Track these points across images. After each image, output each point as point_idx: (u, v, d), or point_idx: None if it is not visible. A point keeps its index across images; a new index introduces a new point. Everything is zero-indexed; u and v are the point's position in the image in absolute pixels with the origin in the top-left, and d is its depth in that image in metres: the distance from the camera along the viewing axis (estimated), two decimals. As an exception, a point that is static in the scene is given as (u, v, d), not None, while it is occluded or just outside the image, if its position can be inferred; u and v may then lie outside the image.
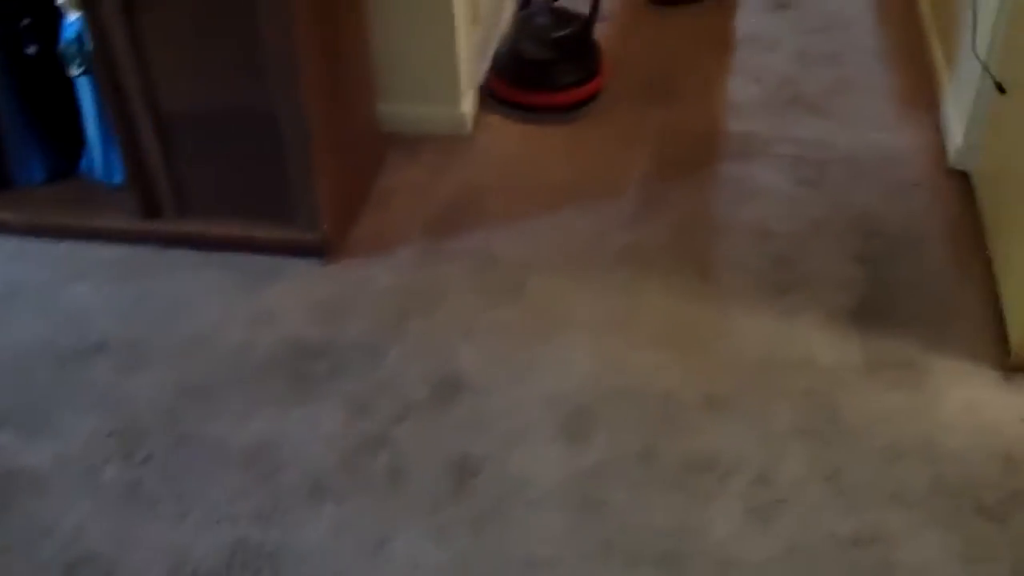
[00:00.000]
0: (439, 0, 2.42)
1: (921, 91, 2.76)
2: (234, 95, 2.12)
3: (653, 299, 2.17)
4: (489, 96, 2.78)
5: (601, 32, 2.87)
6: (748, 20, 3.15)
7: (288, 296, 2.21)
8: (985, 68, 2.24)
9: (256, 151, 2.18)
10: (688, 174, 2.51)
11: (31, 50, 2.26)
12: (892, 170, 2.49)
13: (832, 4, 3.19)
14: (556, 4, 2.84)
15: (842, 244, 2.28)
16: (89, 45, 2.11)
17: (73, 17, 2.16)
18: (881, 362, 2.00)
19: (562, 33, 2.74)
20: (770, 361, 2.02)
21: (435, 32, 2.48)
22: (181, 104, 2.16)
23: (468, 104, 2.64)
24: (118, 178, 2.35)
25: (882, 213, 2.36)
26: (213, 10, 2.01)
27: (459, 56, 2.52)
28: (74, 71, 2.24)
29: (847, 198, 2.41)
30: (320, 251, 2.26)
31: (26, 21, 2.24)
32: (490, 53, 2.86)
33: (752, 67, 2.91)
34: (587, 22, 2.77)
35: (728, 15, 3.19)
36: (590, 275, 2.23)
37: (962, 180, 2.43)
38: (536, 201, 2.45)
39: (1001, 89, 2.18)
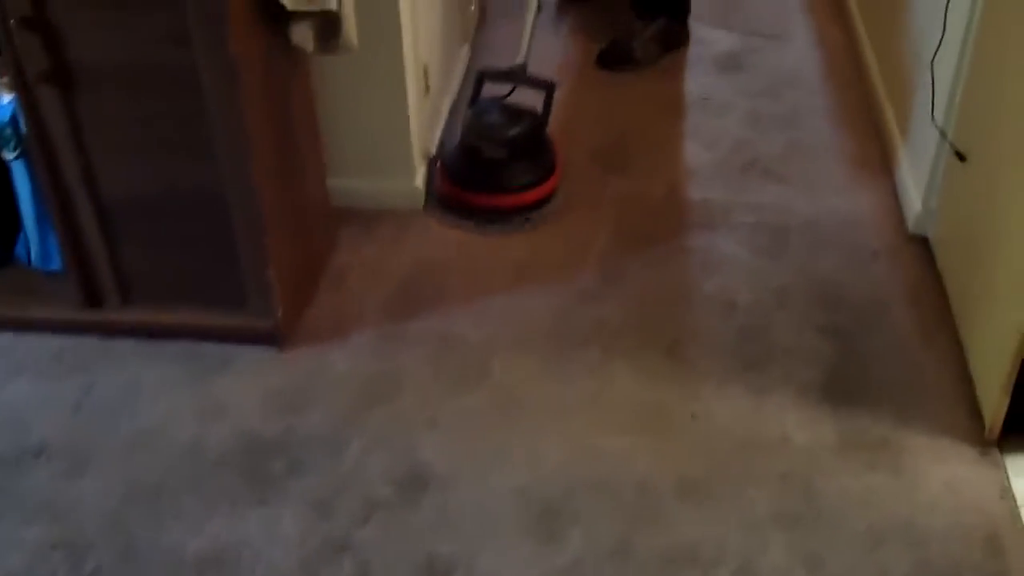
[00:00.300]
0: (390, 72, 2.36)
1: (875, 153, 2.76)
2: (179, 177, 2.03)
3: (620, 380, 2.11)
4: (438, 202, 2.61)
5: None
6: (698, 82, 3.14)
7: (241, 387, 2.11)
8: (944, 136, 2.23)
9: (204, 235, 2.09)
10: (648, 246, 2.47)
11: (-38, 134, 2.16)
12: (852, 236, 2.47)
13: (781, 65, 3.19)
14: (506, 100, 2.70)
15: (807, 315, 2.25)
16: (24, 127, 2.01)
17: (7, 98, 2.06)
18: (856, 441, 1.96)
19: (516, 131, 2.58)
20: (743, 443, 1.97)
21: (387, 105, 2.41)
22: (123, 187, 2.06)
23: (422, 179, 2.57)
24: (56, 265, 2.24)
25: (845, 282, 2.34)
26: (155, 89, 1.92)
27: (412, 129, 2.46)
28: (8, 155, 2.13)
29: (809, 267, 2.38)
30: (274, 338, 2.17)
31: (-44, 104, 2.14)
32: (439, 132, 2.81)
33: (705, 131, 2.89)
34: (541, 118, 2.64)
35: (677, 78, 3.17)
36: (555, 356, 2.17)
37: (922, 246, 2.43)
38: (495, 278, 2.38)
39: (961, 158, 2.18)
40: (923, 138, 2.39)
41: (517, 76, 2.71)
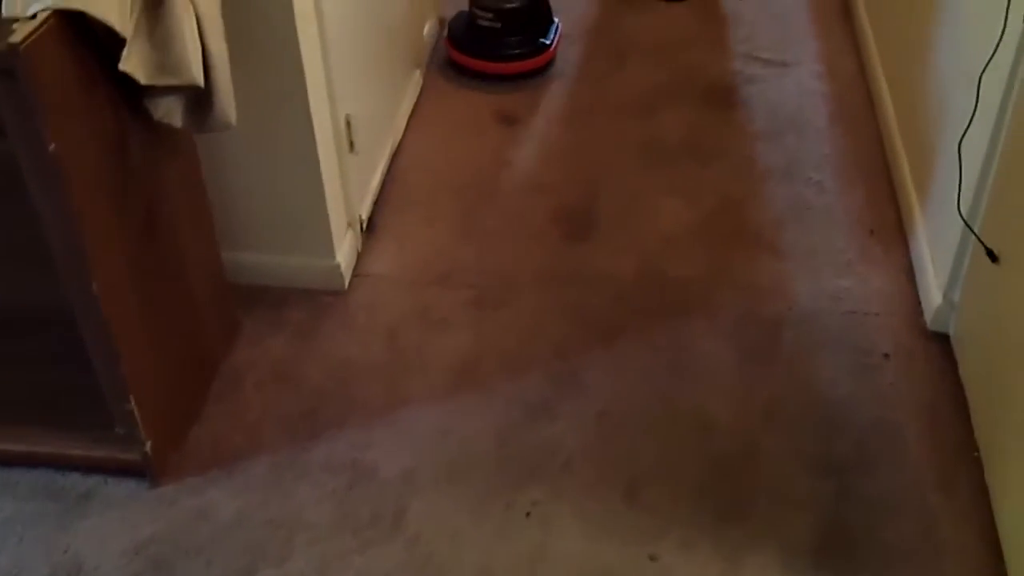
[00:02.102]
0: (296, 132, 1.94)
1: (889, 217, 2.33)
2: (20, 289, 1.65)
3: (565, 535, 1.70)
4: (447, 61, 2.91)
5: (514, 140, 2.43)
6: (682, 121, 2.69)
7: (103, 535, 1.72)
8: (972, 231, 1.81)
9: (58, 354, 1.71)
10: (611, 340, 2.06)
11: None
12: (859, 332, 2.05)
13: (781, 100, 2.74)
14: None
15: (800, 443, 1.84)
16: None
17: None
18: (854, 632, 1.57)
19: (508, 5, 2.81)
20: (713, 630, 1.58)
21: (295, 170, 2.00)
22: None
23: (344, 254, 2.16)
24: None
25: (848, 396, 1.92)
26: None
27: (328, 196, 2.05)
28: None
29: (805, 374, 1.97)
30: (144, 472, 1.78)
31: None
32: (377, 183, 2.40)
33: (688, 185, 2.46)
34: None
35: (655, 114, 2.73)
36: (490, 496, 1.77)
37: (942, 345, 2.01)
38: (424, 384, 1.98)
39: (993, 257, 1.76)
40: (945, 221, 1.97)
41: None
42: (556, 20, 2.94)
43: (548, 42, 2.87)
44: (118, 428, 1.74)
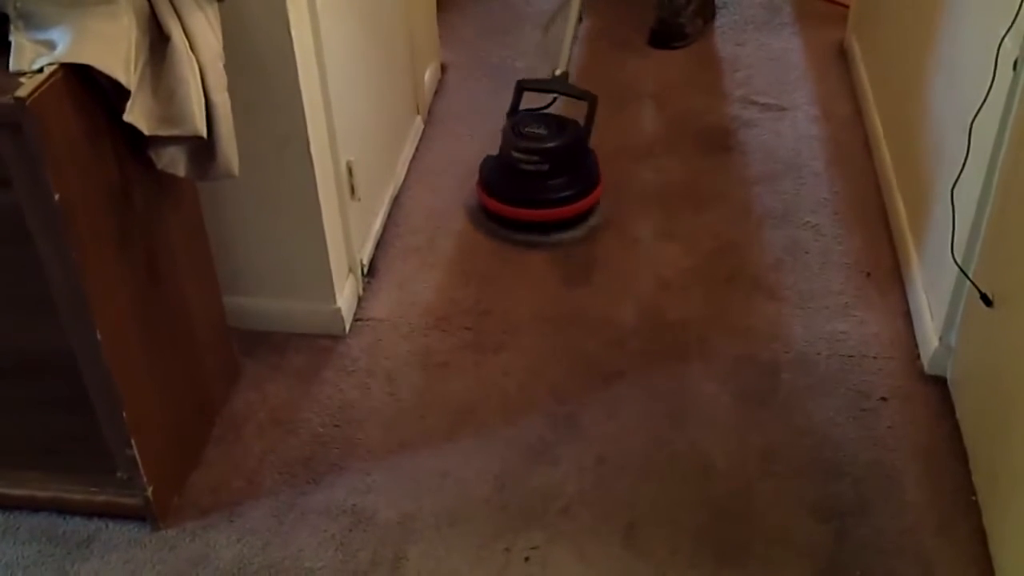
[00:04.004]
0: (298, 178, 1.97)
1: (886, 261, 2.35)
2: (23, 335, 1.65)
3: (564, 578, 1.72)
4: (482, 212, 2.54)
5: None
6: (680, 165, 2.72)
7: (102, 580, 1.74)
8: (966, 276, 1.83)
9: (60, 399, 1.71)
10: (609, 383, 2.07)
11: None
12: (856, 375, 2.06)
13: (778, 144, 2.78)
14: (547, 111, 2.59)
15: (799, 487, 1.85)
16: None
17: None
18: None
19: (557, 143, 2.47)
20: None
21: (297, 215, 2.02)
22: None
23: (345, 298, 2.18)
24: None
25: (846, 439, 1.93)
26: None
27: (329, 241, 2.07)
28: None
29: (803, 419, 1.98)
30: (145, 516, 1.79)
31: None
32: (378, 227, 2.42)
33: (685, 228, 2.48)
34: (584, 129, 2.54)
35: (645, 161, 2.76)
36: (489, 541, 1.77)
37: (939, 389, 2.02)
38: (424, 427, 1.99)
39: (987, 302, 1.77)
40: (941, 265, 1.98)
41: (557, 86, 2.61)
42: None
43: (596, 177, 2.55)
44: (119, 473, 1.75)
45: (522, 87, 2.60)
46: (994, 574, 1.67)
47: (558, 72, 2.63)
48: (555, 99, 2.62)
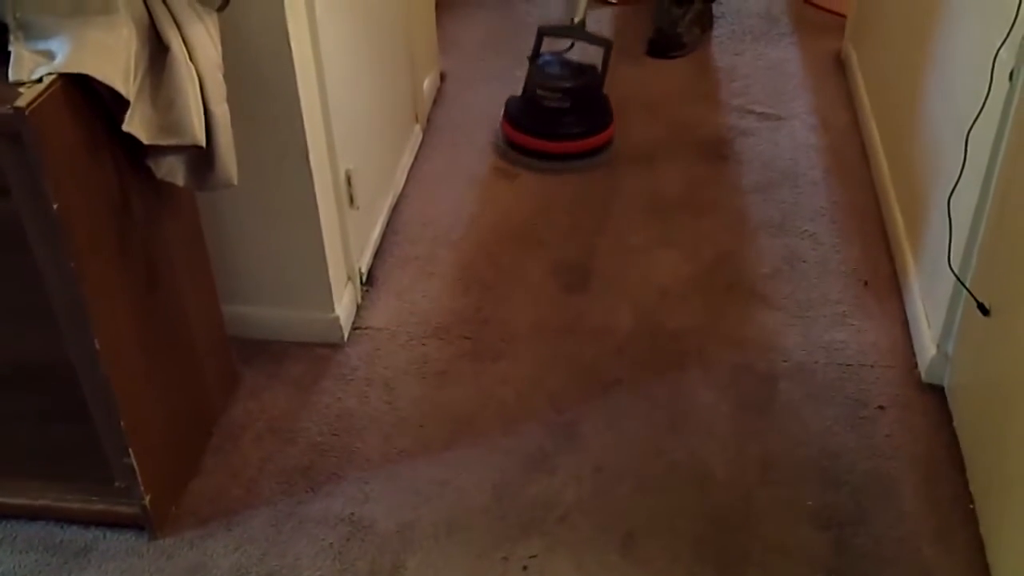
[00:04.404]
0: (297, 187, 1.97)
1: (883, 270, 2.35)
2: (21, 344, 1.66)
3: (562, 588, 1.72)
4: (505, 143, 2.82)
5: (513, 193, 2.45)
6: (678, 174, 2.73)
7: (100, 589, 1.74)
8: (963, 285, 1.83)
9: (57, 409, 1.71)
10: (608, 392, 2.07)
11: None
12: (854, 384, 2.06)
13: (776, 153, 2.78)
14: (566, 55, 2.88)
15: (798, 496, 1.85)
16: None
17: None
18: None
19: (578, 83, 2.77)
20: None
21: (295, 224, 2.03)
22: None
23: (343, 307, 2.18)
24: None
25: (844, 448, 1.93)
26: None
27: (328, 250, 2.07)
28: None
29: (801, 427, 1.98)
30: (143, 525, 1.79)
31: None
32: (377, 236, 2.43)
33: (684, 237, 2.49)
34: (600, 73, 2.83)
35: (649, 172, 2.76)
36: (487, 550, 1.77)
37: (936, 398, 2.02)
38: (423, 436, 1.99)
39: (984, 311, 1.78)
40: (938, 274, 1.99)
41: (575, 32, 2.88)
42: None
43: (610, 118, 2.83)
44: (117, 482, 1.75)
45: (543, 32, 2.87)
46: (992, 583, 1.68)
47: (576, 20, 2.89)
48: (572, 45, 2.89)
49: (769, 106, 2.99)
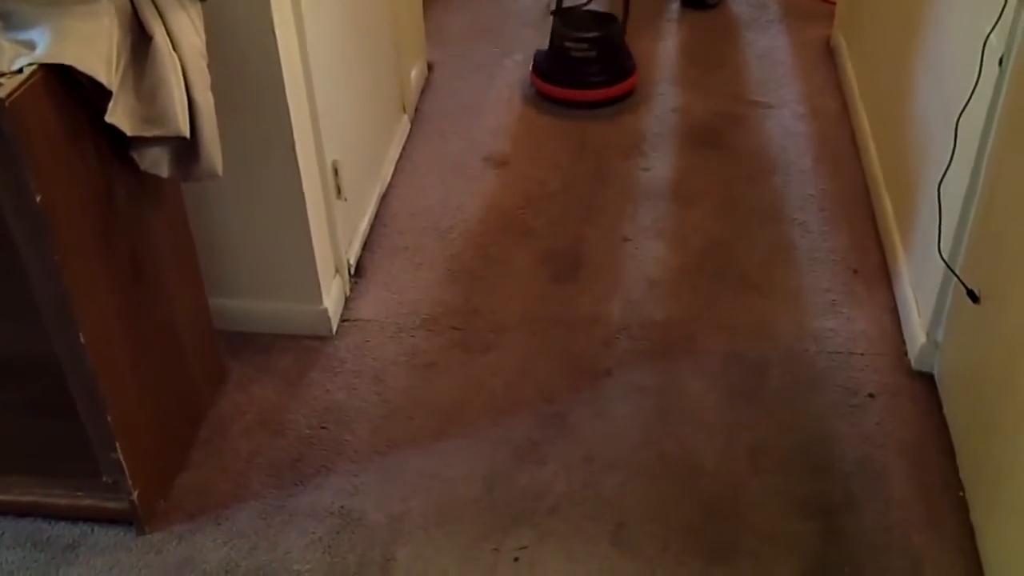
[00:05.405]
0: (284, 179, 1.96)
1: (873, 257, 2.35)
2: (7, 340, 1.65)
3: (552, 578, 1.71)
4: (538, 95, 3.00)
5: (502, 182, 2.43)
6: (667, 164, 2.73)
7: (88, 585, 1.72)
8: (952, 272, 1.83)
9: (44, 404, 1.71)
10: (597, 382, 2.07)
11: None
12: (844, 372, 2.06)
13: (765, 141, 2.78)
14: (587, 7, 3.13)
15: (787, 484, 1.85)
16: None
17: None
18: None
19: (603, 32, 2.96)
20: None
21: (282, 216, 2.01)
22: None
23: (331, 299, 2.17)
24: None
25: (834, 435, 1.93)
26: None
27: (316, 242, 2.06)
28: None
29: (790, 415, 1.98)
30: (131, 520, 1.78)
31: None
32: (365, 227, 2.41)
33: (672, 226, 2.48)
34: (621, 23, 3.02)
35: (634, 157, 2.76)
36: (477, 541, 1.76)
37: (926, 385, 2.02)
38: (412, 427, 1.98)
39: (974, 298, 1.77)
40: (928, 261, 1.99)
41: None
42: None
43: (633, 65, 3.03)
44: (105, 476, 1.74)
45: None
46: (981, 568, 1.68)
47: None
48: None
49: (759, 94, 2.99)
